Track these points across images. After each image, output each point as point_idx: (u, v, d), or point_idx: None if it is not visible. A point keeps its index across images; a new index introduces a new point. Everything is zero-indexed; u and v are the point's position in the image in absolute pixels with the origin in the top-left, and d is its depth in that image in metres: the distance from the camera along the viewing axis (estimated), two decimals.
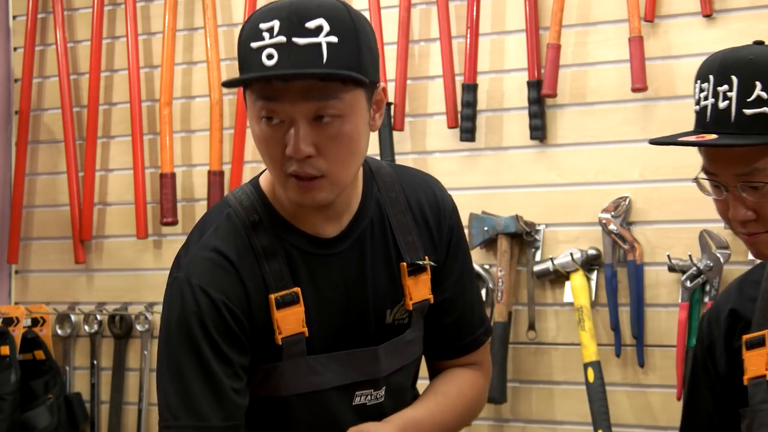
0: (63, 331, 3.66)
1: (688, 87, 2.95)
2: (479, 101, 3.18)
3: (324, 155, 1.71)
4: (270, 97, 1.69)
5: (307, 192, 1.74)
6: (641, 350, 2.96)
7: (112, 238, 3.66)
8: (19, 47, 3.78)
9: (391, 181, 1.93)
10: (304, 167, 1.71)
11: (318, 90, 1.68)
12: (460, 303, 1.99)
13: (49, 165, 3.77)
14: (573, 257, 3.01)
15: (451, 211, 1.97)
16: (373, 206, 1.89)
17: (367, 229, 1.87)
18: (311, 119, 1.69)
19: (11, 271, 3.80)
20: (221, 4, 3.53)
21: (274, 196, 1.85)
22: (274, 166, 1.74)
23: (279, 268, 1.80)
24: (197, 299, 1.77)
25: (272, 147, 1.72)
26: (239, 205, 1.84)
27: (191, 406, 1.76)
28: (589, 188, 3.06)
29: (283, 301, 1.79)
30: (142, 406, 3.55)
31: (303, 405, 1.86)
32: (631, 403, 3.00)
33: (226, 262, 1.79)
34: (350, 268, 1.86)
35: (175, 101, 3.56)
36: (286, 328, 1.80)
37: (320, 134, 1.70)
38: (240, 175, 3.43)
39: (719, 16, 2.94)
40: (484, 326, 2.04)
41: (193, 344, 1.76)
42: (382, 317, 1.89)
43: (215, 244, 1.81)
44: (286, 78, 1.66)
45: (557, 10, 3.05)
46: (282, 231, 1.83)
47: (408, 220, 1.91)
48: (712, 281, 2.87)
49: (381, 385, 1.91)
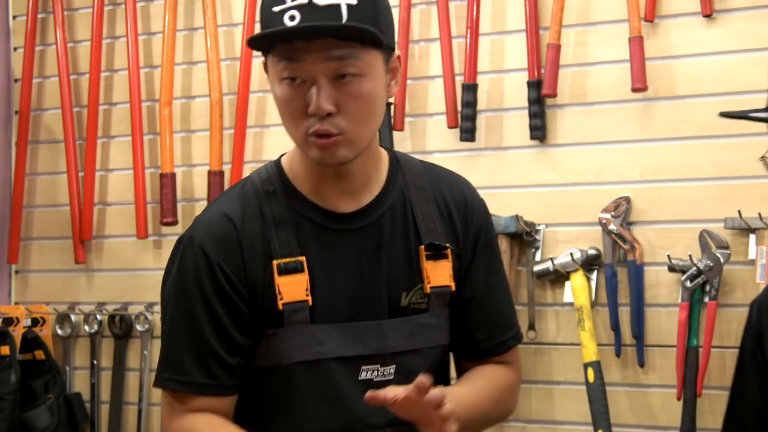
0: (63, 331, 3.66)
1: (688, 87, 2.97)
2: (479, 101, 3.18)
3: (344, 113, 1.78)
4: (292, 58, 1.76)
5: (326, 149, 1.79)
6: (641, 350, 2.96)
7: (112, 238, 3.66)
8: (19, 47, 3.78)
9: (418, 172, 1.98)
10: (325, 125, 1.77)
11: (338, 49, 1.75)
12: (489, 302, 1.99)
13: (49, 165, 3.77)
14: (573, 257, 3.01)
15: (480, 213, 2.00)
16: (396, 193, 1.93)
17: (387, 212, 1.91)
18: (332, 78, 1.76)
19: (11, 271, 3.80)
20: (221, 4, 3.53)
21: (293, 172, 1.91)
22: (296, 126, 1.80)
23: (286, 237, 1.85)
24: (195, 258, 1.85)
25: (294, 107, 1.78)
26: (257, 177, 1.92)
27: (176, 360, 1.85)
28: (589, 188, 3.06)
29: (286, 267, 1.84)
30: (142, 406, 3.55)
31: (306, 375, 1.86)
32: (631, 403, 3.00)
33: (230, 225, 1.85)
34: (365, 245, 1.89)
35: (175, 101, 3.56)
36: (288, 295, 1.83)
37: (341, 93, 1.77)
38: (240, 175, 3.43)
39: (719, 16, 2.94)
40: (514, 331, 2.04)
41: (186, 300, 1.85)
42: (396, 299, 1.91)
43: (223, 209, 1.88)
44: (308, 36, 1.73)
45: (557, 10, 3.05)
46: (295, 203, 1.88)
47: (432, 209, 1.95)
48: (712, 281, 2.87)
49: (389, 363, 1.90)
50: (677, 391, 2.89)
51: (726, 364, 2.89)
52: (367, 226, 1.90)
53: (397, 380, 1.88)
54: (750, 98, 2.89)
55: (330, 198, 1.89)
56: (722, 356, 2.90)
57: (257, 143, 3.48)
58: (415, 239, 1.92)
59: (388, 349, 1.89)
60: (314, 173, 1.89)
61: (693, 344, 2.88)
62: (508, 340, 2.02)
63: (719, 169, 2.93)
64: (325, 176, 1.88)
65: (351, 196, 1.90)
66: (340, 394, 1.87)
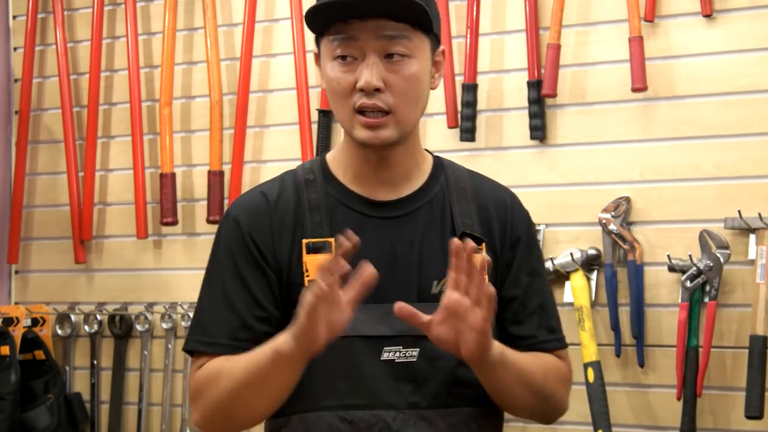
0: (63, 331, 3.66)
1: (688, 87, 2.97)
2: (479, 101, 3.18)
3: (392, 91, 1.86)
4: (346, 36, 1.85)
5: (373, 129, 1.88)
6: (641, 350, 2.96)
7: (112, 238, 3.66)
8: (19, 47, 3.79)
9: (462, 176, 2.04)
10: (373, 99, 1.86)
11: (390, 28, 1.85)
12: (532, 302, 2.01)
13: (49, 165, 3.77)
14: (573, 257, 3.01)
15: (522, 220, 2.04)
16: (437, 190, 2.00)
17: (425, 206, 1.97)
18: (382, 56, 1.85)
19: (11, 271, 3.80)
20: (221, 4, 3.53)
21: (334, 162, 2.00)
22: (344, 103, 1.88)
23: (320, 220, 1.93)
24: (229, 229, 1.96)
25: (343, 83, 1.87)
26: (301, 168, 2.02)
27: (204, 324, 1.94)
28: (589, 188, 3.06)
29: (314, 246, 1.92)
30: (142, 406, 3.55)
31: (329, 351, 1.86)
32: (631, 403, 3.00)
33: (263, 201, 1.96)
34: (400, 233, 1.94)
35: (175, 101, 3.56)
36: (315, 272, 1.87)
37: (389, 71, 1.86)
38: (240, 175, 3.43)
39: (719, 16, 2.94)
40: (557, 335, 2.05)
41: (217, 268, 1.96)
42: (427, 286, 1.94)
43: (261, 188, 2.00)
44: (363, 15, 1.83)
45: (557, 10, 3.05)
46: (333, 190, 1.97)
47: (471, 208, 1.99)
48: (712, 281, 2.87)
49: (412, 345, 1.91)
50: (677, 391, 2.89)
51: (726, 364, 2.90)
52: (403, 216, 1.96)
53: (420, 363, 1.90)
54: (750, 98, 2.89)
55: (369, 186, 1.96)
56: (722, 356, 2.90)
57: (257, 143, 3.48)
58: (451, 233, 1.96)
59: (412, 332, 1.89)
60: (356, 161, 1.96)
61: (693, 344, 2.88)
62: (552, 341, 2.03)
63: (719, 169, 2.93)
64: (367, 164, 1.95)
65: (390, 186, 1.97)
66: (361, 371, 1.89)
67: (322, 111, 3.35)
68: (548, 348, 2.02)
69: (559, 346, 2.05)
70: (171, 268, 3.57)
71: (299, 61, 3.36)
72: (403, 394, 1.89)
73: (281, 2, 3.46)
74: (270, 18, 3.48)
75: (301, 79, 3.35)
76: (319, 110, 3.36)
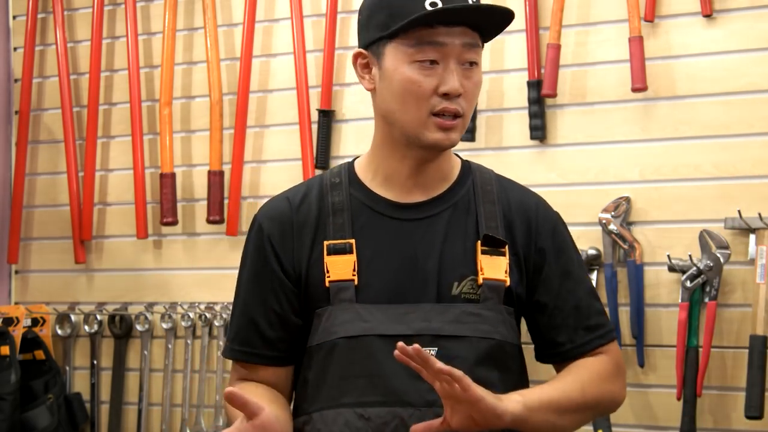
0: (63, 331, 3.66)
1: (688, 87, 2.97)
2: (479, 101, 3.18)
3: (465, 97, 1.94)
4: (438, 42, 1.90)
5: (447, 131, 1.93)
6: (641, 350, 2.96)
7: (112, 238, 3.66)
8: (19, 47, 3.79)
9: (489, 178, 2.08)
10: (454, 104, 1.92)
11: (470, 36, 1.93)
12: (567, 306, 2.04)
13: (49, 165, 3.77)
14: None
15: (549, 221, 2.07)
16: (464, 193, 2.03)
17: (449, 208, 2.01)
18: (462, 63, 1.93)
19: (11, 271, 3.80)
20: (221, 4, 3.53)
21: (361, 167, 2.05)
22: (419, 105, 1.92)
23: (342, 222, 1.99)
24: (254, 233, 2.05)
25: (423, 87, 1.91)
26: (329, 172, 2.08)
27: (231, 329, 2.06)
28: (589, 188, 3.06)
29: (335, 248, 1.97)
30: (142, 406, 3.55)
31: (348, 349, 1.94)
32: (631, 403, 3.00)
33: (287, 205, 2.03)
34: (423, 236, 1.98)
35: (175, 101, 3.56)
36: (335, 273, 1.96)
37: (464, 77, 1.93)
38: (240, 175, 3.43)
39: (719, 16, 2.94)
40: (599, 332, 2.06)
41: (242, 273, 2.06)
42: (447, 287, 1.97)
43: (287, 194, 2.07)
44: (448, 19, 1.89)
45: (557, 10, 3.05)
46: (358, 193, 2.02)
47: (496, 210, 2.02)
48: (712, 281, 2.87)
49: (430, 345, 1.93)
50: (677, 391, 2.89)
51: (726, 364, 2.90)
52: (427, 218, 2.00)
53: None
54: (750, 98, 2.89)
55: (400, 189, 2.01)
56: (722, 356, 2.90)
57: (257, 143, 3.48)
58: (475, 235, 1.99)
59: (430, 331, 1.94)
60: (393, 164, 2.00)
61: (693, 344, 2.88)
62: (592, 341, 2.05)
63: (719, 169, 2.92)
64: (403, 167, 2.00)
65: (423, 188, 2.01)
66: (380, 370, 1.92)
67: (322, 111, 3.35)
68: (588, 350, 2.04)
69: (602, 343, 2.06)
70: (171, 268, 3.57)
71: (299, 61, 3.36)
72: (420, 392, 1.91)
73: (281, 2, 3.46)
74: (270, 18, 3.48)
75: (301, 79, 3.35)
76: (319, 110, 3.35)
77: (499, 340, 1.99)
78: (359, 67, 2.00)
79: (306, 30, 3.38)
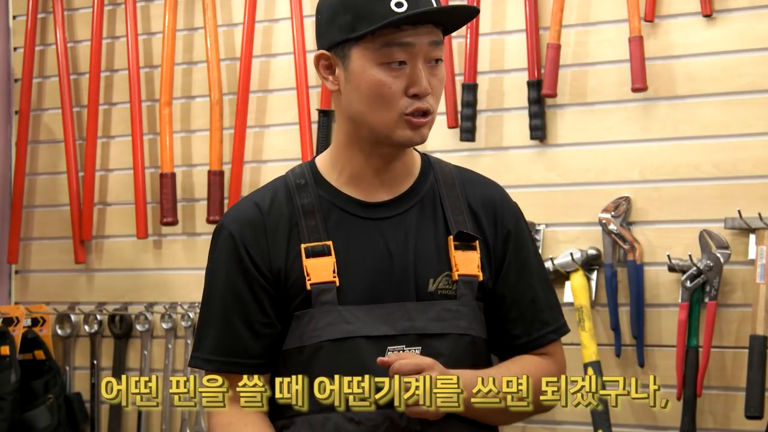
0: (63, 331, 3.66)
1: (688, 87, 2.97)
2: (479, 101, 3.18)
3: (432, 94, 1.93)
4: (404, 42, 1.89)
5: (417, 128, 1.92)
6: (641, 350, 2.96)
7: (112, 238, 3.66)
8: (19, 47, 3.79)
9: (449, 172, 2.07)
10: (424, 103, 1.91)
11: (435, 35, 1.92)
12: (524, 299, 2.02)
13: (49, 165, 3.77)
14: (573, 257, 3.01)
15: (510, 214, 2.05)
16: (427, 188, 2.02)
17: (417, 204, 2.00)
18: (428, 61, 1.92)
19: (11, 271, 3.80)
20: (221, 4, 3.53)
21: (325, 166, 2.01)
22: (389, 107, 1.91)
23: (315, 224, 1.96)
24: (224, 241, 1.98)
25: (393, 90, 1.90)
26: (291, 173, 2.03)
27: (202, 339, 1.99)
28: (589, 188, 3.06)
29: (313, 250, 1.94)
30: None
31: (334, 352, 1.92)
32: (631, 403, 2.99)
33: (256, 210, 1.98)
34: (395, 234, 1.97)
35: (175, 101, 3.56)
36: (316, 276, 1.93)
37: (431, 75, 1.92)
38: (240, 175, 3.43)
39: (719, 16, 2.94)
40: (553, 326, 2.06)
41: (213, 281, 2.00)
42: (424, 284, 1.96)
43: (253, 198, 2.02)
44: (417, 22, 1.88)
45: (557, 10, 3.05)
46: (326, 193, 1.99)
47: (461, 203, 2.02)
48: (712, 281, 2.87)
49: (415, 344, 1.93)
50: (677, 391, 2.89)
51: (726, 364, 2.90)
52: (396, 216, 1.98)
53: None
54: (750, 98, 2.89)
55: (365, 188, 1.99)
56: (722, 356, 2.90)
57: (257, 143, 3.48)
58: (444, 230, 1.99)
59: (414, 330, 1.93)
60: (357, 163, 1.98)
61: (693, 344, 2.88)
62: (546, 335, 2.05)
63: (719, 169, 2.93)
64: (368, 166, 1.98)
65: (389, 186, 1.99)
66: (366, 372, 1.90)
67: (322, 111, 3.35)
68: (541, 344, 2.03)
69: (553, 338, 2.05)
70: (171, 268, 3.57)
71: (299, 61, 3.36)
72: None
73: (281, 2, 3.46)
74: (270, 18, 3.48)
75: (301, 79, 3.35)
76: (319, 110, 3.35)
77: (474, 336, 2.00)
78: (322, 68, 1.97)
79: (306, 30, 3.38)
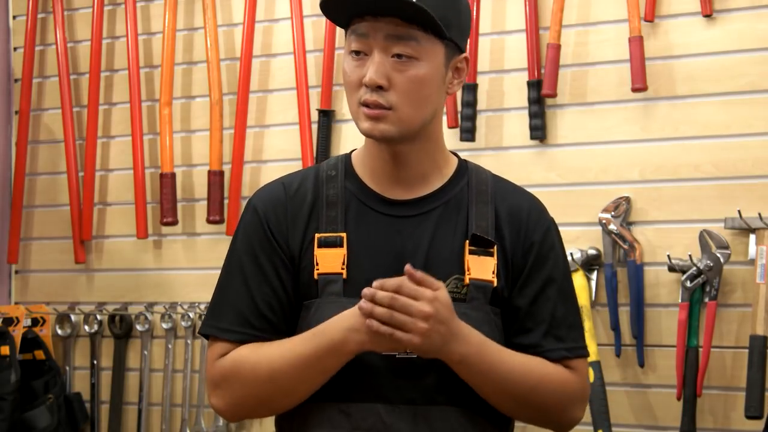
0: (63, 331, 3.66)
1: (688, 87, 2.97)
2: (479, 101, 3.18)
3: (395, 90, 1.91)
4: (360, 33, 1.92)
5: (373, 121, 1.93)
6: (641, 350, 2.96)
7: (112, 238, 3.66)
8: (19, 47, 3.79)
9: (486, 179, 2.06)
10: (374, 96, 1.91)
11: (399, 30, 1.90)
12: (542, 311, 1.98)
13: (49, 165, 3.77)
14: (573, 257, 3.01)
15: (540, 227, 2.03)
16: (456, 192, 2.02)
17: (440, 207, 2.00)
18: (390, 55, 1.91)
19: (11, 271, 3.80)
20: (221, 4, 3.53)
21: (357, 159, 2.05)
22: (351, 96, 1.95)
23: (335, 215, 1.99)
24: (248, 215, 2.02)
25: (353, 77, 1.94)
26: (326, 163, 2.07)
27: (220, 308, 1.99)
28: (589, 188, 3.07)
29: (326, 241, 1.96)
30: (142, 406, 3.55)
31: None
32: (631, 403, 3.00)
33: (281, 191, 2.02)
34: (412, 233, 1.97)
35: (175, 101, 3.56)
36: (324, 266, 1.95)
37: (396, 70, 1.91)
38: (240, 175, 3.43)
39: (719, 16, 2.94)
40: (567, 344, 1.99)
41: (235, 252, 2.01)
42: None
43: (283, 179, 2.06)
44: (377, 14, 1.90)
45: (557, 10, 3.06)
46: (352, 185, 2.01)
47: (488, 210, 2.01)
48: (712, 281, 2.87)
49: None
50: (677, 391, 2.89)
51: (726, 364, 2.90)
52: (416, 216, 1.99)
53: (420, 360, 1.90)
54: (750, 98, 2.89)
55: (385, 184, 2.00)
56: (722, 356, 2.90)
57: (257, 143, 3.48)
58: (463, 234, 1.98)
59: None
60: (374, 158, 2.01)
61: (693, 344, 2.88)
62: (557, 350, 1.98)
63: (719, 169, 2.93)
64: (383, 162, 1.99)
65: (405, 186, 2.00)
66: (363, 366, 1.91)
67: (322, 111, 3.35)
68: (554, 357, 1.97)
69: (568, 356, 1.98)
70: (171, 268, 3.57)
71: (299, 61, 3.36)
72: (400, 390, 1.91)
73: (281, 2, 3.46)
74: (270, 18, 3.48)
75: (301, 79, 3.35)
76: (319, 110, 3.36)
77: None
78: None
79: (306, 30, 3.38)
